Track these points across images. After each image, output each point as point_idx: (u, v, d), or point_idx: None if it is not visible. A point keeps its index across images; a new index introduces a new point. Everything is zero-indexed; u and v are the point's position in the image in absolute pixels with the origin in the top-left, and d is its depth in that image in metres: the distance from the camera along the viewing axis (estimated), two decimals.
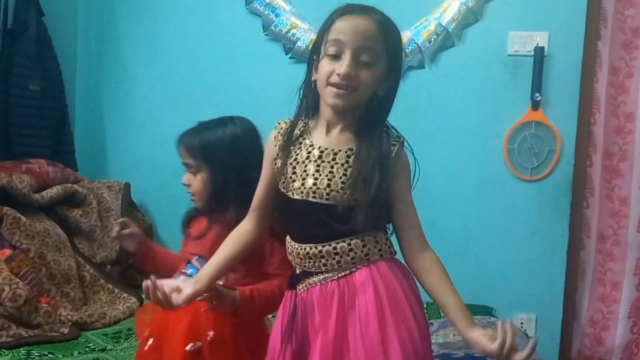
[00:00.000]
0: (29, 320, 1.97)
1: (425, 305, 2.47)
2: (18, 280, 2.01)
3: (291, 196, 1.25)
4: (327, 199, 1.21)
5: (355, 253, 1.22)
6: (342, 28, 1.21)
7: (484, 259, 2.62)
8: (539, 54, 2.51)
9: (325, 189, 1.21)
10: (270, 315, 1.53)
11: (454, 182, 2.61)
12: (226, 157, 1.50)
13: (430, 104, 2.63)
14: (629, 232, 2.45)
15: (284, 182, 1.27)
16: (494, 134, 2.60)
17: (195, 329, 1.43)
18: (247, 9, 2.77)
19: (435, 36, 2.61)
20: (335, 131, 1.26)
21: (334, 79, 1.20)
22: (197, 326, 1.44)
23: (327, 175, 1.21)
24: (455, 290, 1.22)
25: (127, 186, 2.71)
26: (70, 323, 2.08)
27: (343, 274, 1.23)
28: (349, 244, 1.22)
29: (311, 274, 1.25)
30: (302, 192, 1.23)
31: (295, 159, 1.26)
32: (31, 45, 2.61)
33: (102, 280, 2.33)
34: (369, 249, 1.23)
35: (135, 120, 2.90)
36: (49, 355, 1.81)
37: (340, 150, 1.23)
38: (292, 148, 1.27)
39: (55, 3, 2.78)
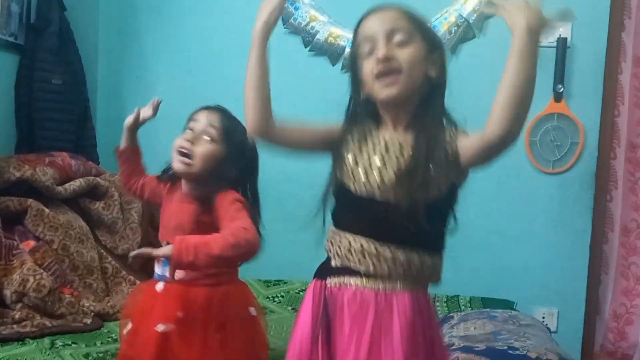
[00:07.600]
0: (52, 310, 2.00)
1: (445, 299, 2.48)
2: (42, 271, 2.03)
3: (353, 191, 1.17)
4: (394, 198, 1.13)
5: (409, 269, 1.16)
6: (368, 24, 1.20)
7: (506, 253, 2.60)
8: (562, 45, 2.48)
9: (392, 185, 1.14)
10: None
11: (475, 175, 2.56)
12: (242, 139, 1.48)
13: (450, 96, 2.60)
14: None
15: (343, 173, 1.20)
16: None
17: (167, 311, 1.42)
18: None
19: (455, 28, 2.59)
20: (401, 128, 1.21)
21: (376, 68, 1.17)
22: (169, 308, 1.43)
23: (393, 168, 1.15)
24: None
25: None
26: (92, 314, 2.11)
27: (383, 288, 1.16)
28: (409, 257, 1.15)
29: (347, 273, 1.19)
30: (366, 188, 1.16)
31: (360, 149, 1.20)
32: (54, 40, 2.63)
33: (123, 272, 2.35)
34: (423, 272, 1.17)
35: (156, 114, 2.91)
36: (73, 345, 1.84)
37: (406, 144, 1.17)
38: (356, 136, 1.21)
39: None
